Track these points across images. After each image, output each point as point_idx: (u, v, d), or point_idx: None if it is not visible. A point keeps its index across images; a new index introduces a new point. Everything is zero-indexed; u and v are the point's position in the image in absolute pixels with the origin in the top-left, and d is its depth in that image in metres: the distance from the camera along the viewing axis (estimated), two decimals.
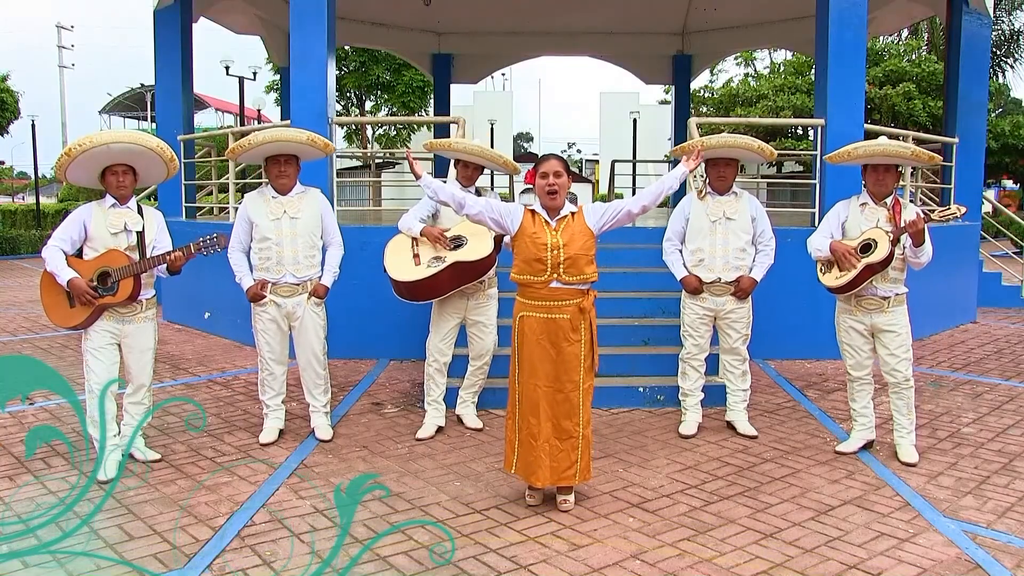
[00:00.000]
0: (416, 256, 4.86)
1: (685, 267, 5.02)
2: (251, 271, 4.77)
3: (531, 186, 3.96)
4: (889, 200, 4.48)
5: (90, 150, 4.04)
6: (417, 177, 4.05)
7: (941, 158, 4.81)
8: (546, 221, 3.83)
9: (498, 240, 4.82)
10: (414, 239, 4.92)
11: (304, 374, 4.90)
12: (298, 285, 4.73)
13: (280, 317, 4.74)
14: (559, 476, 3.83)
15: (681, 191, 6.13)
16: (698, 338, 5.06)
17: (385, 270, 4.87)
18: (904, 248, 4.39)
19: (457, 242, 4.85)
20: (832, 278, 4.52)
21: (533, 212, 3.88)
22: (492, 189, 6.20)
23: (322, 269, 4.84)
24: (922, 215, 4.29)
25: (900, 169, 4.57)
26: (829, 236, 4.60)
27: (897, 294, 4.50)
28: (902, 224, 4.31)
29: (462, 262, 4.76)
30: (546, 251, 3.75)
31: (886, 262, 4.34)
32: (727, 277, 4.92)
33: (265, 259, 4.70)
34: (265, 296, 4.71)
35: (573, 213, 3.86)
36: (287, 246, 4.67)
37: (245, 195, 5.19)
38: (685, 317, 5.08)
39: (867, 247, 4.39)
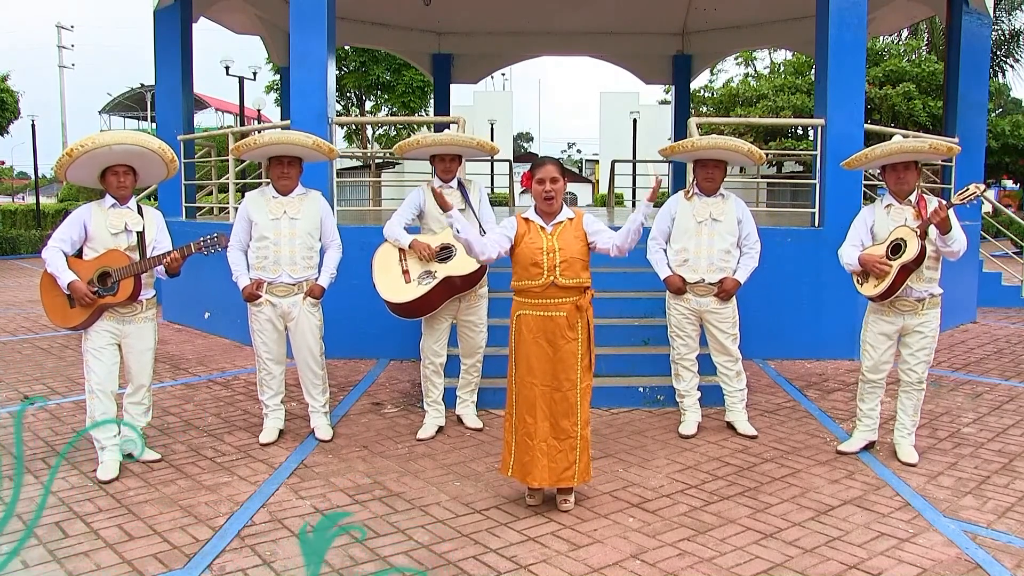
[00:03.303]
0: (406, 272, 4.83)
1: (669, 267, 5.02)
2: (248, 270, 4.78)
3: (528, 189, 3.95)
4: (913, 197, 4.44)
5: (92, 151, 4.05)
6: (447, 210, 3.83)
7: (959, 148, 4.77)
8: (541, 227, 3.84)
9: None
10: (401, 250, 4.90)
11: (302, 374, 4.91)
12: (294, 285, 4.72)
13: (275, 317, 4.74)
14: (557, 477, 3.82)
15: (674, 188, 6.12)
16: (686, 338, 5.06)
17: (374, 287, 4.85)
18: (935, 241, 4.33)
19: (446, 252, 4.83)
20: (871, 288, 4.44)
21: (527, 220, 3.88)
22: (492, 190, 6.16)
23: (319, 271, 4.85)
24: (943, 202, 4.24)
25: (919, 166, 4.54)
26: (859, 245, 4.55)
27: (932, 295, 4.46)
28: (926, 216, 4.26)
29: (453, 276, 4.76)
30: (542, 254, 3.76)
31: (919, 259, 4.28)
32: (711, 278, 4.92)
33: (262, 258, 4.70)
34: (260, 296, 4.71)
35: (571, 219, 3.87)
36: (285, 246, 4.67)
37: (246, 194, 5.19)
38: (671, 318, 5.09)
39: (897, 248, 4.34)
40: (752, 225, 5.01)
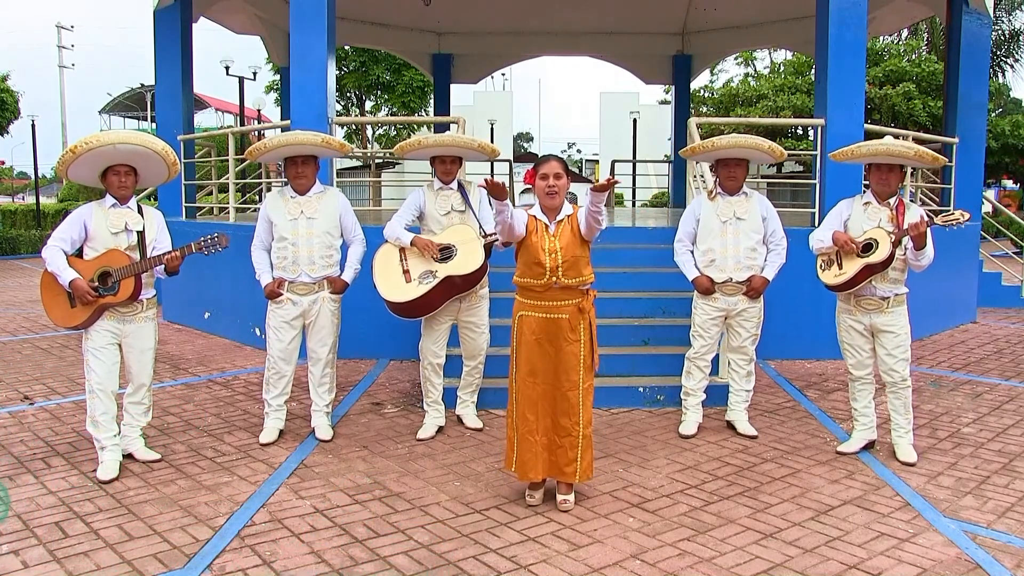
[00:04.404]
0: (406, 272, 4.82)
1: (697, 268, 5.02)
2: (271, 268, 4.80)
3: (531, 186, 3.95)
4: (893, 200, 4.48)
5: (97, 148, 4.05)
6: (503, 199, 3.63)
7: (946, 159, 4.79)
8: (545, 226, 3.85)
9: (488, 248, 4.81)
10: (402, 250, 4.90)
11: (312, 371, 4.91)
12: (314, 284, 4.75)
13: (295, 317, 4.76)
14: (560, 469, 3.84)
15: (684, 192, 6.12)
16: (708, 339, 5.06)
17: (375, 287, 4.85)
18: (905, 250, 4.39)
19: (447, 253, 4.82)
20: (831, 276, 4.53)
21: (535, 217, 3.89)
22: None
23: (342, 268, 4.87)
24: (926, 218, 4.28)
25: (904, 169, 4.57)
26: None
27: (897, 294, 4.50)
28: (904, 226, 4.31)
29: (454, 276, 4.76)
30: (545, 255, 3.76)
31: (886, 263, 4.35)
32: (738, 277, 4.92)
33: (282, 258, 4.73)
34: (282, 294, 4.72)
35: (569, 216, 3.87)
36: (303, 246, 4.69)
37: (266, 194, 5.22)
38: (696, 317, 5.08)
39: (868, 247, 4.40)
40: (777, 222, 5.02)
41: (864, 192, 4.63)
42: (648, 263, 7.03)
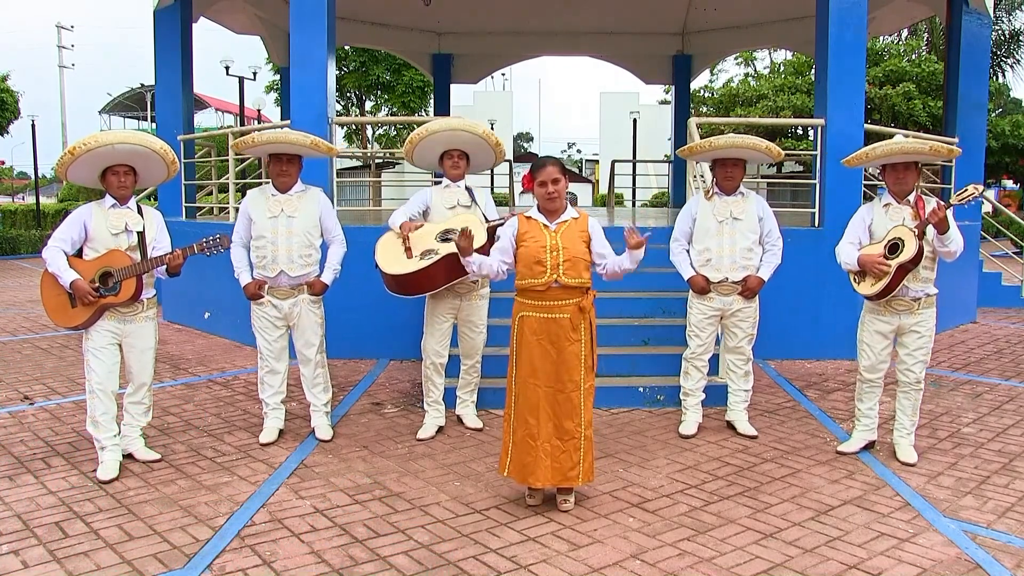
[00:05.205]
0: (408, 250, 4.83)
1: (692, 267, 5.03)
2: (251, 267, 4.79)
3: (529, 190, 3.96)
4: (912, 197, 4.46)
5: (95, 149, 4.05)
6: (465, 255, 3.93)
7: (960, 150, 4.77)
8: (544, 225, 3.84)
9: (491, 231, 4.80)
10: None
11: (304, 373, 4.91)
12: (294, 288, 4.74)
13: (277, 318, 4.76)
14: (563, 476, 3.82)
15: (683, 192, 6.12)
16: (703, 338, 5.06)
17: (376, 264, 4.85)
18: (932, 241, 4.35)
19: (449, 235, 4.84)
20: (868, 287, 4.45)
21: (529, 218, 3.88)
22: (492, 190, 6.14)
23: (321, 268, 4.85)
24: (942, 203, 4.25)
25: (919, 166, 4.55)
26: (857, 243, 4.55)
27: (928, 294, 4.47)
28: (924, 216, 4.28)
29: (456, 254, 4.75)
30: (545, 252, 3.76)
31: (917, 259, 4.29)
32: (734, 277, 4.92)
33: (261, 257, 4.72)
34: (263, 296, 4.72)
35: (575, 218, 3.87)
36: (282, 245, 4.68)
37: (248, 192, 5.21)
38: (691, 317, 5.08)
39: (894, 247, 4.35)
40: (773, 222, 5.02)
41: (883, 194, 4.59)
42: (648, 263, 6.95)
